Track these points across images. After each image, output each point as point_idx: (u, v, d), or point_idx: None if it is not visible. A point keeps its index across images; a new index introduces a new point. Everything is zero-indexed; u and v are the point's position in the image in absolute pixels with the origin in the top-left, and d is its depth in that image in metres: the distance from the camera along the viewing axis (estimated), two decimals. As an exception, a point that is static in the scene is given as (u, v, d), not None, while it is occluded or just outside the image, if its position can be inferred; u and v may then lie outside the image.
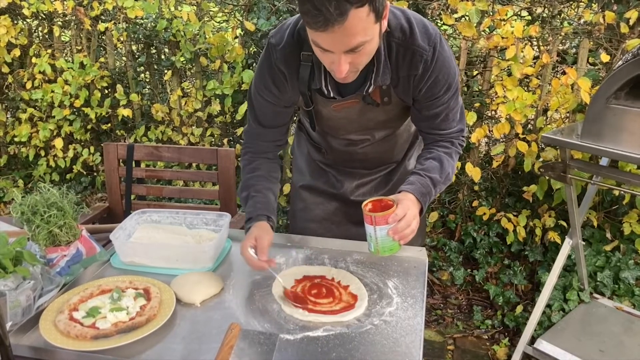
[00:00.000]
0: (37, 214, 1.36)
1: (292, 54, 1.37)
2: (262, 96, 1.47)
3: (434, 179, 1.42)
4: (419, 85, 1.38)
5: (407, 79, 1.37)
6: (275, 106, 1.49)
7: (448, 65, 1.37)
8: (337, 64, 1.19)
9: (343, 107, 1.45)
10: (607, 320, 2.39)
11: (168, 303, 1.26)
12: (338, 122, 1.54)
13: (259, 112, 1.53)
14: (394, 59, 1.34)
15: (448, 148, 1.50)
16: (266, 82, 1.44)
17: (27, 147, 3.87)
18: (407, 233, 1.28)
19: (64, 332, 1.16)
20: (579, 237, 2.31)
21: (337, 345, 1.14)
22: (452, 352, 2.52)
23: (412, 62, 1.33)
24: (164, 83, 3.56)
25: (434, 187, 1.41)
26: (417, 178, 1.41)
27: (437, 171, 1.44)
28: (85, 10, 3.50)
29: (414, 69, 1.34)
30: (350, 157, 1.69)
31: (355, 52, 1.17)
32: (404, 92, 1.41)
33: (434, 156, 1.47)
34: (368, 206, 1.32)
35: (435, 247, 3.05)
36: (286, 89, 1.44)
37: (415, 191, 1.36)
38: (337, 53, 1.16)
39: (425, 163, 1.46)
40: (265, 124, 1.54)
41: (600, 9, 2.64)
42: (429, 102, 1.42)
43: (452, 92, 1.42)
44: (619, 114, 1.84)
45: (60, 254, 1.39)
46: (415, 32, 1.32)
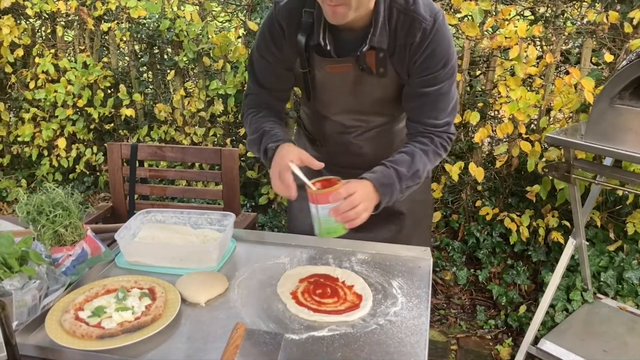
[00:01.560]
0: (42, 214, 1.37)
1: (295, 9, 1.38)
2: (262, 55, 1.47)
3: (400, 172, 1.35)
4: (414, 56, 1.35)
5: (403, 48, 1.35)
6: (274, 67, 1.48)
7: (447, 42, 1.35)
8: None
9: (337, 71, 1.42)
10: (610, 320, 2.39)
11: (173, 303, 1.26)
12: (332, 91, 1.50)
13: (258, 73, 1.52)
14: (393, 25, 1.33)
15: (426, 145, 1.42)
16: (266, 39, 1.44)
17: (30, 146, 3.87)
18: (350, 215, 1.24)
19: (70, 331, 1.16)
20: (582, 237, 2.30)
21: (342, 345, 1.14)
22: (455, 352, 2.52)
23: (411, 29, 1.32)
24: (167, 83, 3.56)
25: (398, 181, 1.34)
26: (381, 168, 1.36)
27: (406, 165, 1.37)
28: (88, 10, 3.50)
29: (412, 36, 1.33)
30: (346, 149, 1.64)
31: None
32: (400, 62, 1.38)
33: (407, 150, 1.41)
34: (316, 185, 1.27)
35: (438, 247, 3.05)
36: (284, 47, 1.43)
37: (374, 180, 1.31)
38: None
39: (395, 155, 1.40)
40: (266, 85, 1.53)
41: (604, 9, 2.64)
42: (422, 76, 1.38)
43: (447, 72, 1.38)
44: (623, 113, 1.84)
45: (65, 254, 1.40)
46: (418, 1, 1.32)
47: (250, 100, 1.59)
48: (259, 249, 1.56)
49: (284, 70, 1.49)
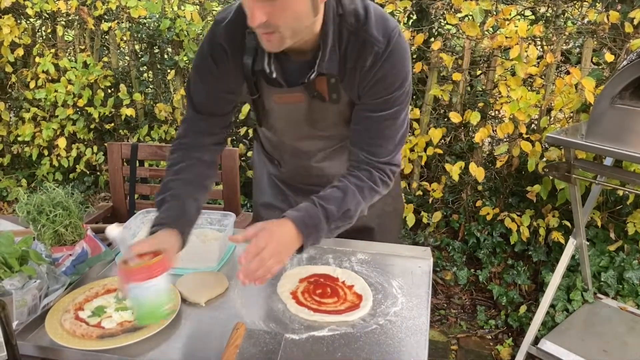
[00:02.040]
0: (42, 214, 1.37)
1: (236, 30, 1.25)
2: (201, 77, 1.33)
3: (329, 210, 1.20)
4: (365, 79, 1.24)
5: (353, 71, 1.24)
6: (214, 89, 1.33)
7: (401, 64, 1.24)
8: (249, 9, 1.06)
9: (286, 101, 1.31)
10: (611, 320, 2.39)
11: (173, 302, 1.26)
12: (284, 119, 1.39)
13: (195, 96, 1.36)
14: (343, 48, 1.22)
15: (362, 181, 1.27)
16: (206, 60, 1.30)
17: (30, 146, 3.87)
18: (259, 274, 1.10)
19: (70, 331, 1.16)
20: (583, 237, 2.30)
21: (342, 345, 1.14)
22: (455, 352, 2.52)
23: (362, 52, 1.21)
24: (167, 82, 3.56)
25: (326, 220, 1.19)
26: (308, 205, 1.21)
27: (336, 203, 1.21)
28: (89, 9, 3.50)
29: (362, 60, 1.21)
30: (307, 172, 1.53)
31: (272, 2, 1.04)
32: (350, 87, 1.27)
33: (340, 186, 1.26)
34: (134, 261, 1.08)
35: (438, 247, 3.05)
36: (227, 68, 1.29)
37: (297, 220, 1.16)
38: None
39: (327, 191, 1.25)
40: (202, 109, 1.36)
41: (605, 9, 2.64)
42: (371, 100, 1.26)
43: (398, 97, 1.26)
44: (623, 114, 1.84)
45: (65, 253, 1.40)
46: (370, 20, 1.20)
47: (183, 132, 1.39)
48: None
49: (226, 94, 1.35)
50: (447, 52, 2.87)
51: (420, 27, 2.93)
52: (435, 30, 3.02)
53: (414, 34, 2.75)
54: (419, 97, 3.08)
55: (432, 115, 2.98)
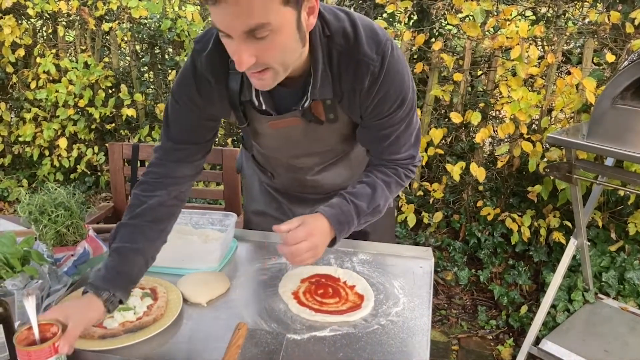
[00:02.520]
0: (44, 214, 1.37)
1: (219, 61, 1.16)
2: (182, 105, 1.24)
3: (360, 207, 1.24)
4: (366, 102, 1.19)
5: (352, 93, 1.18)
6: (196, 117, 1.25)
7: (401, 78, 1.19)
8: (236, 53, 0.99)
9: (281, 126, 1.26)
10: (612, 320, 2.39)
11: (175, 303, 1.26)
12: (279, 143, 1.35)
13: (173, 124, 1.26)
14: (335, 70, 1.15)
15: (388, 176, 1.30)
16: (189, 89, 1.21)
17: (31, 146, 3.88)
18: (295, 263, 1.18)
19: (72, 331, 1.16)
20: (584, 238, 2.30)
21: (344, 345, 1.14)
22: (456, 352, 2.52)
23: (357, 73, 1.14)
24: (168, 83, 3.56)
25: (357, 217, 1.24)
26: (341, 202, 1.24)
27: (366, 199, 1.25)
28: (90, 10, 3.50)
29: (359, 82, 1.15)
30: (301, 184, 1.51)
31: (259, 41, 0.96)
32: (350, 108, 1.22)
33: (368, 182, 1.28)
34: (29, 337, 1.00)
35: (439, 247, 3.05)
36: (213, 100, 1.22)
37: (331, 217, 1.20)
38: (235, 37, 0.96)
39: (356, 187, 1.28)
40: (182, 138, 1.27)
41: (605, 9, 2.64)
42: (377, 121, 1.23)
43: (405, 110, 1.23)
44: (624, 114, 1.84)
45: (67, 254, 1.40)
46: (360, 37, 1.13)
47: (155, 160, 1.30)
48: (260, 249, 1.56)
49: (210, 121, 1.28)
50: (448, 52, 2.88)
51: (421, 27, 2.93)
52: (436, 31, 3.02)
53: (414, 34, 2.75)
54: (419, 98, 3.08)
55: (433, 115, 2.98)
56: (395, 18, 3.18)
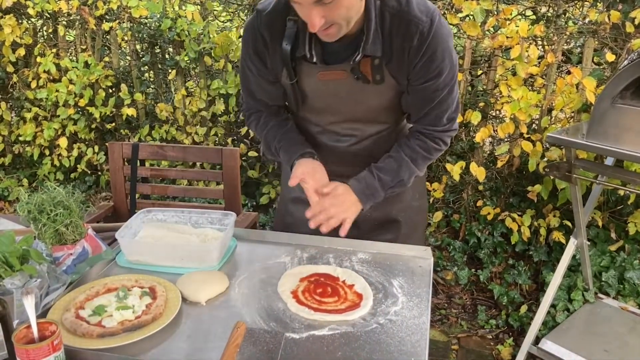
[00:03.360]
0: (43, 213, 1.37)
1: (278, 18, 1.31)
2: (247, 67, 1.43)
3: (384, 180, 1.40)
4: (414, 60, 1.28)
5: (401, 52, 1.28)
6: (261, 79, 1.43)
7: (446, 42, 1.29)
8: (309, 18, 1.13)
9: (330, 79, 1.35)
10: (611, 320, 2.39)
11: (174, 302, 1.26)
12: (325, 100, 1.42)
13: (246, 84, 1.49)
14: (387, 30, 1.26)
15: (415, 152, 1.42)
16: (249, 50, 1.40)
17: (31, 146, 3.88)
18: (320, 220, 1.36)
19: (71, 330, 1.16)
20: (583, 237, 2.30)
21: (342, 344, 1.14)
22: (456, 351, 2.52)
23: (407, 32, 1.25)
24: (168, 82, 3.57)
25: (382, 189, 1.40)
26: (367, 175, 1.41)
27: (392, 174, 1.41)
28: (90, 9, 3.51)
29: (409, 40, 1.25)
30: (339, 158, 1.54)
31: (326, 5, 1.11)
32: (398, 68, 1.31)
33: (395, 157, 1.43)
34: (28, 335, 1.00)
35: (439, 247, 3.05)
36: (267, 57, 1.37)
37: (357, 190, 1.39)
38: (305, 4, 1.11)
39: (384, 160, 1.43)
40: (256, 95, 1.50)
41: (606, 8, 2.63)
42: (422, 83, 1.32)
43: (449, 75, 1.32)
44: (624, 113, 1.84)
45: (66, 253, 1.40)
46: (411, 2, 1.25)
47: (248, 108, 1.57)
48: (259, 249, 1.56)
49: (271, 82, 1.43)
50: (448, 51, 2.87)
51: (421, 26, 2.93)
52: (436, 30, 3.01)
53: (414, 34, 2.74)
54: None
55: (433, 115, 2.97)
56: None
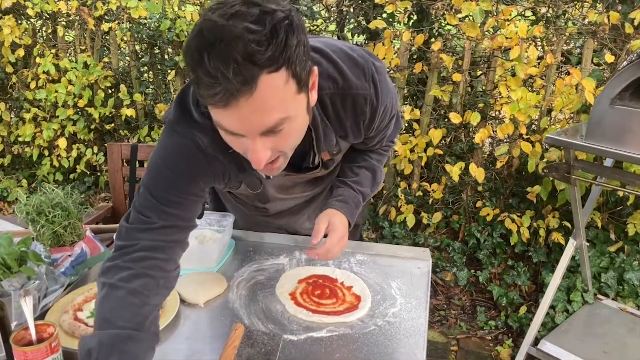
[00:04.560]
0: (41, 214, 1.37)
1: (220, 137, 0.96)
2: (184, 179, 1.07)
3: (365, 193, 1.36)
4: (370, 126, 1.19)
5: (355, 126, 1.16)
6: (198, 200, 1.12)
7: (389, 88, 1.18)
8: (252, 152, 0.89)
9: (297, 180, 1.33)
10: (611, 321, 2.39)
11: (172, 303, 1.26)
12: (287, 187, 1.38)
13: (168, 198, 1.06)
14: (332, 113, 1.10)
15: (381, 155, 1.42)
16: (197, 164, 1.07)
17: (30, 146, 3.87)
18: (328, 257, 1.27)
19: (69, 331, 1.16)
20: (583, 238, 2.30)
21: (340, 345, 1.14)
22: (455, 352, 2.52)
23: (356, 108, 1.12)
24: (168, 83, 3.56)
25: (363, 200, 1.37)
26: (349, 193, 1.33)
27: (369, 183, 1.38)
28: (89, 10, 3.50)
29: (362, 114, 1.13)
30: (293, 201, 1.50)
31: (276, 134, 0.88)
32: (355, 137, 1.21)
33: (367, 166, 1.38)
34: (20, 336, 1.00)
35: (438, 248, 3.05)
36: (223, 175, 1.13)
37: (346, 212, 1.29)
38: (249, 136, 0.88)
39: (358, 173, 1.36)
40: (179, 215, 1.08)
41: (605, 9, 2.63)
42: (375, 132, 1.25)
43: (395, 111, 1.28)
44: (623, 114, 1.84)
45: (64, 254, 1.40)
46: (346, 74, 1.07)
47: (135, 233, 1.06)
48: (258, 250, 1.56)
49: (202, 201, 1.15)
50: (447, 52, 2.87)
51: (421, 27, 2.93)
52: (436, 31, 3.02)
53: (414, 35, 2.75)
54: (419, 98, 3.08)
55: (432, 115, 2.98)
56: (395, 18, 3.17)
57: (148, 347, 0.97)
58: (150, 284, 1.01)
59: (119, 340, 0.93)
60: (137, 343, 0.94)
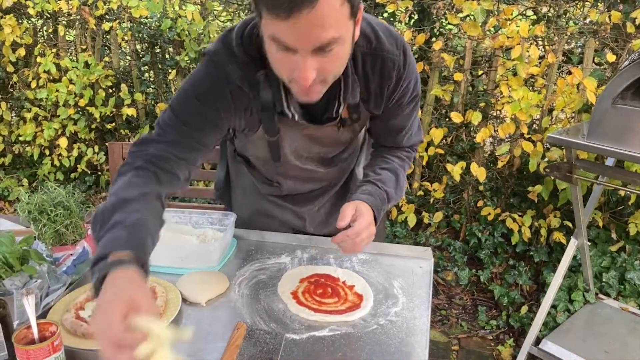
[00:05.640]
0: (43, 213, 1.37)
1: (252, 71, 1.13)
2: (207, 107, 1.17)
3: (389, 193, 1.32)
4: (392, 95, 1.25)
5: (379, 91, 1.22)
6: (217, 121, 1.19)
7: (415, 70, 1.27)
8: (302, 69, 0.95)
9: (314, 132, 1.29)
10: (612, 321, 2.39)
11: (174, 302, 1.26)
12: (302, 149, 1.36)
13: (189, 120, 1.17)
14: (361, 72, 1.18)
15: (403, 160, 1.41)
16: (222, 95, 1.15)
17: (31, 146, 3.88)
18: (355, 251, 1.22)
19: (71, 330, 1.16)
20: (584, 238, 2.30)
21: (343, 345, 1.14)
22: (456, 352, 2.52)
23: (384, 70, 1.19)
24: (169, 82, 3.56)
25: (387, 202, 1.31)
26: (374, 189, 1.29)
27: (393, 185, 1.34)
28: (90, 9, 3.50)
29: (387, 78, 1.20)
30: (305, 182, 1.51)
31: (326, 54, 0.95)
32: (376, 105, 1.26)
33: (390, 168, 1.36)
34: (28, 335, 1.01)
35: (439, 247, 3.05)
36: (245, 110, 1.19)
37: (374, 205, 1.25)
38: (302, 52, 0.94)
39: (381, 173, 1.34)
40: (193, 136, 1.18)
41: (606, 9, 2.63)
42: (397, 110, 1.30)
43: (417, 98, 1.32)
44: (625, 114, 1.84)
45: (66, 253, 1.40)
46: (380, 36, 1.16)
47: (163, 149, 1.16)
48: (259, 249, 1.56)
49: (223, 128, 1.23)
50: (448, 52, 2.87)
51: (422, 27, 2.93)
52: (437, 30, 3.01)
53: (415, 34, 2.75)
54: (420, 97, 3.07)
55: (433, 115, 2.98)
56: (396, 17, 3.17)
57: (151, 212, 1.05)
58: (150, 176, 1.12)
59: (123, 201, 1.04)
60: (138, 204, 1.04)
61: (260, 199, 1.59)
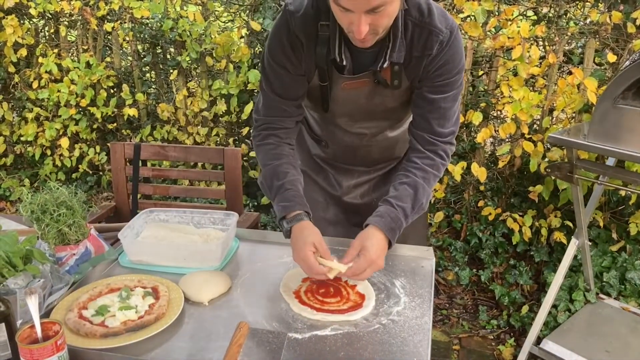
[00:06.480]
0: (46, 213, 1.37)
1: (311, 22, 1.34)
2: (279, 63, 1.41)
3: (406, 209, 1.36)
4: (429, 66, 1.36)
5: (419, 59, 1.35)
6: (291, 74, 1.42)
7: (461, 53, 1.37)
8: (357, 25, 1.17)
9: (353, 87, 1.42)
10: (613, 320, 2.39)
11: (176, 302, 1.26)
12: (346, 104, 1.48)
13: (275, 81, 1.43)
14: (409, 38, 1.33)
15: (426, 172, 1.42)
16: (284, 48, 1.38)
17: (33, 146, 3.88)
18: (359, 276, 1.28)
19: (74, 330, 1.16)
20: (585, 238, 2.30)
21: (345, 344, 1.14)
22: (457, 352, 2.52)
23: (428, 41, 1.32)
24: (170, 83, 3.57)
25: (404, 218, 1.36)
26: (388, 209, 1.35)
27: (410, 201, 1.37)
28: (92, 10, 3.51)
29: (429, 48, 1.33)
30: (352, 152, 1.64)
31: (376, 13, 1.16)
32: (414, 72, 1.38)
33: (409, 182, 1.40)
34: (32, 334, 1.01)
35: (440, 247, 3.05)
36: (302, 57, 1.39)
37: (384, 228, 1.31)
38: (357, 12, 1.15)
39: (399, 188, 1.39)
40: (283, 93, 1.45)
41: (607, 9, 2.64)
42: (434, 83, 1.38)
43: (456, 85, 1.40)
44: (626, 114, 1.84)
45: (69, 253, 1.40)
46: (433, 13, 1.32)
47: (269, 114, 1.48)
48: (261, 249, 1.56)
49: (300, 76, 1.44)
50: (449, 52, 2.87)
51: (423, 27, 2.93)
52: (438, 31, 3.01)
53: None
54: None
55: (434, 115, 2.97)
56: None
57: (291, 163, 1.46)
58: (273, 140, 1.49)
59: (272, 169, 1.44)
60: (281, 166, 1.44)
61: (308, 159, 1.74)
